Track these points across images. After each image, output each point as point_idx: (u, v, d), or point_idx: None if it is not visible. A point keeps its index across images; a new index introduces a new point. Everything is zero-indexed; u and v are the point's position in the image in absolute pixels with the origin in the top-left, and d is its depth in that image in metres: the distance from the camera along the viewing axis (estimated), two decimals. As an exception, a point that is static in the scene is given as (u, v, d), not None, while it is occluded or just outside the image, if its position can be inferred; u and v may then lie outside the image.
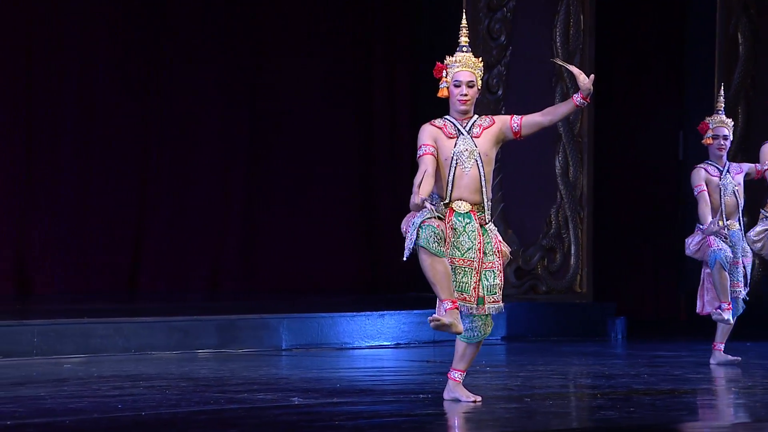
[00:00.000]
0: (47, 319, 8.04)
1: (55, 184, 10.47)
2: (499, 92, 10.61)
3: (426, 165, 5.76)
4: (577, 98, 5.83)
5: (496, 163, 6.10)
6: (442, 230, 5.63)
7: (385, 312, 9.12)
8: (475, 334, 5.87)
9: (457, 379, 5.94)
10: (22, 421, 5.37)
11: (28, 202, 10.35)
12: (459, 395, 5.92)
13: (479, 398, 5.93)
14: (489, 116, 5.94)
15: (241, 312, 8.99)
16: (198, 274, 11.14)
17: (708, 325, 8.40)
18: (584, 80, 5.81)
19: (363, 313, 9.05)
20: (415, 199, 5.57)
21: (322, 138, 11.59)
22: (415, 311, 9.19)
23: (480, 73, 5.95)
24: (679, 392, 6.60)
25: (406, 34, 11.80)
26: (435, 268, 5.63)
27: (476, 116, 5.94)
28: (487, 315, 5.84)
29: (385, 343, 9.00)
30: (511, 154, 10.36)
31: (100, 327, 8.04)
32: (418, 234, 5.61)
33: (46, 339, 7.77)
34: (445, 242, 5.66)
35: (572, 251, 10.90)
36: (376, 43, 11.79)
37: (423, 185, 5.68)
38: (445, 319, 5.60)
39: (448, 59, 5.94)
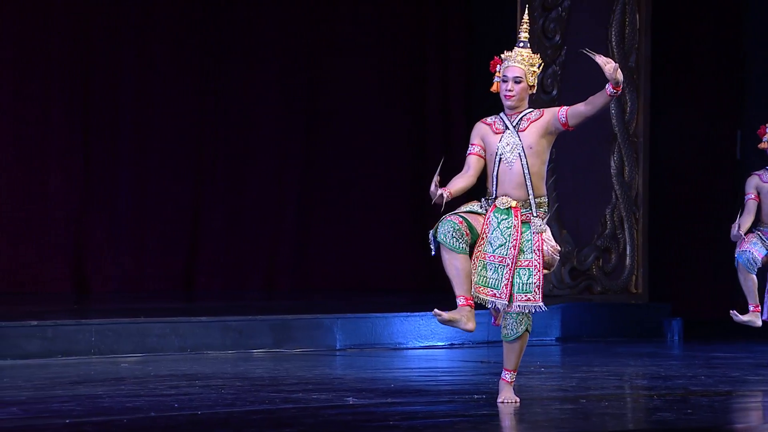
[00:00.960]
0: (105, 318, 8.12)
1: (112, 185, 10.57)
2: (554, 92, 10.56)
3: (467, 165, 5.86)
4: (608, 88, 5.76)
5: (550, 163, 6.07)
6: (465, 226, 5.69)
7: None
8: (509, 332, 5.85)
9: (506, 378, 5.93)
10: (80, 420, 5.43)
11: (87, 203, 10.46)
12: (500, 394, 5.91)
13: (515, 399, 5.89)
14: (540, 109, 5.92)
15: (296, 312, 9.02)
16: (253, 273, 11.20)
17: (766, 326, 8.30)
18: (609, 70, 5.71)
19: (417, 313, 9.04)
20: (432, 190, 5.67)
21: (376, 137, 11.60)
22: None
23: (534, 69, 5.91)
24: (736, 394, 6.53)
25: (461, 32, 11.78)
26: (451, 264, 5.69)
27: (528, 110, 5.91)
28: (518, 313, 5.81)
29: (439, 344, 8.99)
30: (565, 154, 10.32)
31: (157, 326, 8.10)
32: (436, 229, 5.69)
33: (103, 338, 7.85)
34: (464, 237, 5.70)
35: (627, 251, 10.82)
36: (431, 40, 11.77)
37: (453, 183, 5.80)
38: (446, 315, 5.68)
39: (504, 54, 5.94)
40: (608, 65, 5.74)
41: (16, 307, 8.91)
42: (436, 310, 5.71)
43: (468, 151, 5.88)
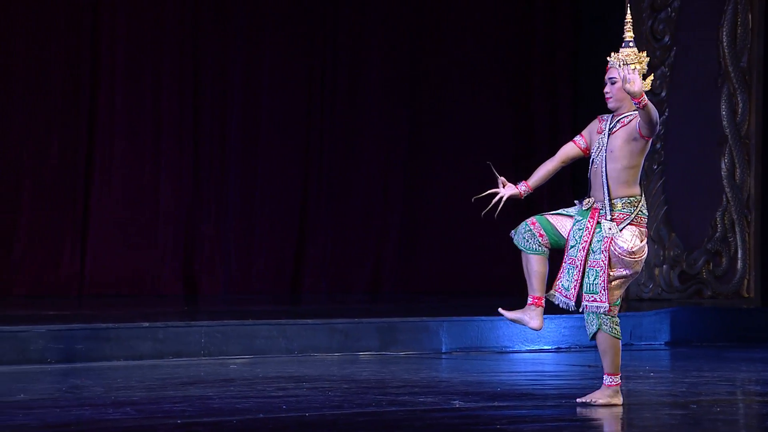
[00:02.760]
0: (214, 320, 8.24)
1: (221, 188, 10.72)
2: (663, 94, 10.42)
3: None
4: (633, 101, 5.68)
5: (658, 166, 6.03)
6: (539, 227, 5.93)
7: (546, 316, 9.01)
8: (587, 332, 5.91)
9: (604, 381, 5.91)
10: (191, 420, 5.51)
11: (196, 207, 10.62)
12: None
13: (587, 400, 5.88)
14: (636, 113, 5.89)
15: (402, 315, 9.04)
16: (359, 276, 11.25)
17: None
18: (624, 84, 5.61)
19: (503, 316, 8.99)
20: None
21: (480, 139, 11.57)
22: (576, 315, 9.06)
23: (637, 67, 5.86)
24: None
25: (568, 32, 11.68)
26: (524, 264, 6.02)
27: (627, 114, 5.86)
28: (588, 313, 5.85)
29: (546, 347, 8.93)
30: (675, 157, 10.18)
31: (265, 328, 8.19)
32: (516, 230, 5.93)
33: (212, 340, 7.96)
34: (536, 238, 5.93)
35: (739, 255, 10.63)
36: (537, 38, 11.70)
37: (536, 172, 6.25)
38: (509, 314, 6.00)
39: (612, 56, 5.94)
40: (626, 78, 5.60)
41: (129, 309, 9.08)
42: (500, 309, 5.91)
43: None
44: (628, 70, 5.62)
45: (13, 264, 9.90)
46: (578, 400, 6.01)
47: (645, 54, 5.95)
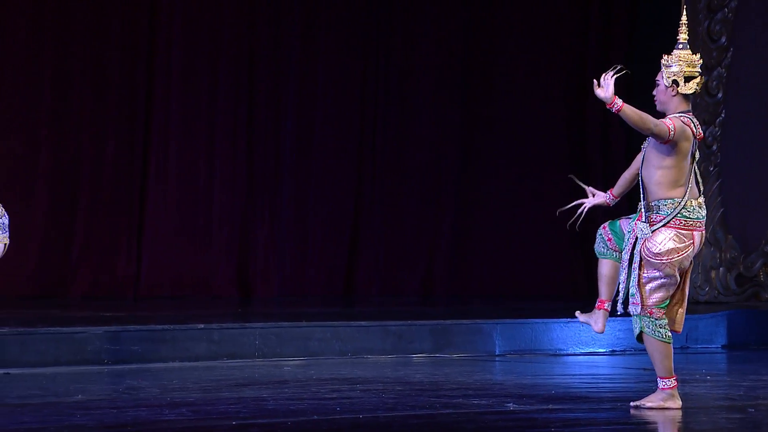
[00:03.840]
0: (268, 322, 8.28)
1: (275, 191, 10.77)
2: (719, 95, 10.33)
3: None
4: None
5: (714, 167, 6.02)
6: (608, 230, 6.04)
7: (601, 319, 8.99)
8: (634, 334, 5.99)
9: (659, 386, 5.91)
10: (246, 422, 5.55)
11: (251, 209, 10.68)
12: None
13: (640, 403, 5.89)
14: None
15: (455, 317, 9.03)
16: (411, 278, 11.25)
17: None
18: (595, 89, 5.80)
19: (577, 319, 8.94)
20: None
21: (532, 141, 11.53)
22: (631, 318, 9.03)
23: (672, 70, 5.86)
24: None
25: (623, 32, 11.61)
26: (598, 269, 6.12)
27: (673, 115, 5.92)
28: (632, 315, 5.93)
29: (600, 350, 8.88)
30: (732, 159, 10.09)
31: (318, 330, 8.22)
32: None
33: (267, 341, 8.00)
34: (605, 242, 6.05)
35: (798, 257, 10.51)
36: (591, 38, 11.63)
37: (619, 181, 6.22)
38: (581, 317, 6.16)
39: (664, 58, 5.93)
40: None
41: (184, 310, 9.15)
42: (577, 312, 6.08)
43: None
44: (606, 75, 5.73)
45: (71, 266, 10.01)
46: (632, 403, 5.98)
47: (698, 56, 5.93)
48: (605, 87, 5.74)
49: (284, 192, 10.78)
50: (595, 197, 6.28)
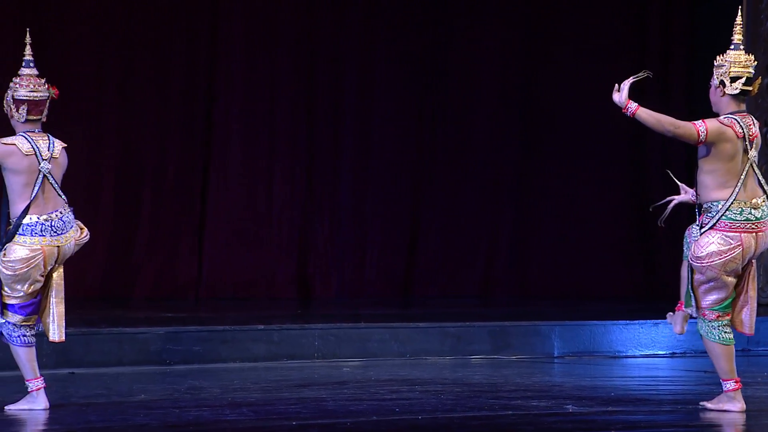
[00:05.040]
0: (327, 323, 8.34)
1: (334, 193, 10.82)
2: (780, 95, 10.21)
3: None
4: None
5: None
6: (689, 235, 5.99)
7: (660, 321, 8.93)
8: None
9: (723, 388, 5.88)
10: (306, 422, 5.60)
11: (310, 211, 10.74)
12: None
13: (707, 405, 5.86)
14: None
15: (514, 318, 9.02)
16: (470, 279, 11.25)
17: None
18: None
19: (637, 321, 8.92)
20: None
21: (594, 141, 11.48)
22: (691, 320, 8.97)
23: (722, 70, 5.84)
24: None
25: (684, 32, 11.52)
26: (680, 271, 6.08)
27: (723, 116, 5.94)
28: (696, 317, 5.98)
29: (660, 352, 8.83)
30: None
31: (377, 332, 8.26)
32: None
33: (326, 343, 8.05)
34: (688, 243, 6.02)
35: None
36: (651, 37, 11.55)
37: None
38: (668, 318, 6.13)
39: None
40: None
41: (245, 311, 9.23)
42: (669, 313, 6.10)
43: None
44: (626, 81, 5.79)
45: (134, 268, 10.14)
46: (700, 404, 5.97)
47: (752, 57, 5.90)
48: (621, 91, 5.75)
49: (343, 193, 10.83)
50: (686, 194, 6.24)
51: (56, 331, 5.94)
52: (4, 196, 6.02)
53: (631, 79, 5.81)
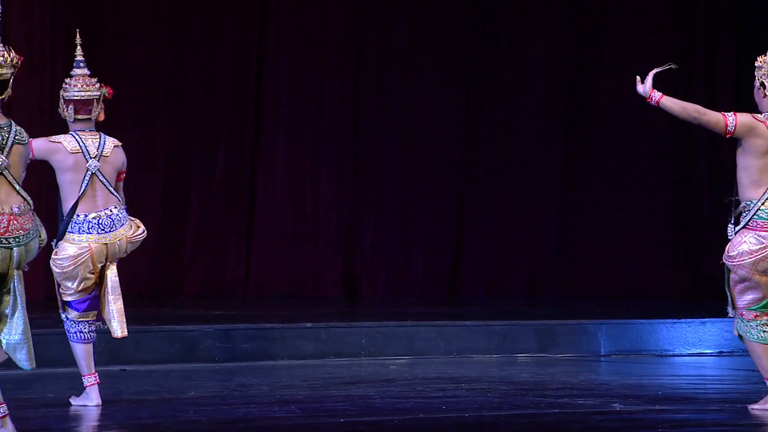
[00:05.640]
0: (374, 321, 8.38)
1: (380, 192, 10.86)
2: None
3: None
4: None
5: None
6: None
7: (707, 319, 8.92)
8: None
9: None
10: (353, 419, 5.65)
11: (357, 210, 10.79)
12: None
13: (754, 408, 5.83)
14: None
15: (560, 317, 9.02)
16: (516, 277, 11.25)
17: None
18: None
19: (684, 320, 8.89)
20: None
21: (638, 139, 11.44)
22: (732, 319, 8.93)
23: (763, 70, 5.82)
24: None
25: (730, 30, 11.45)
26: None
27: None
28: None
29: (707, 351, 8.80)
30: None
31: (424, 330, 8.29)
32: None
33: (373, 341, 8.10)
34: None
35: None
36: (698, 36, 11.49)
37: None
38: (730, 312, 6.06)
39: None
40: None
41: (292, 310, 9.30)
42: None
43: None
44: (651, 72, 5.81)
45: (183, 266, 10.24)
46: (748, 407, 5.93)
47: None
48: (645, 82, 5.75)
49: (389, 193, 10.87)
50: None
51: (118, 328, 6.01)
52: (59, 195, 6.11)
53: (655, 70, 5.79)
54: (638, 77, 5.85)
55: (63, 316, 6.06)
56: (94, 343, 6.11)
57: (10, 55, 5.07)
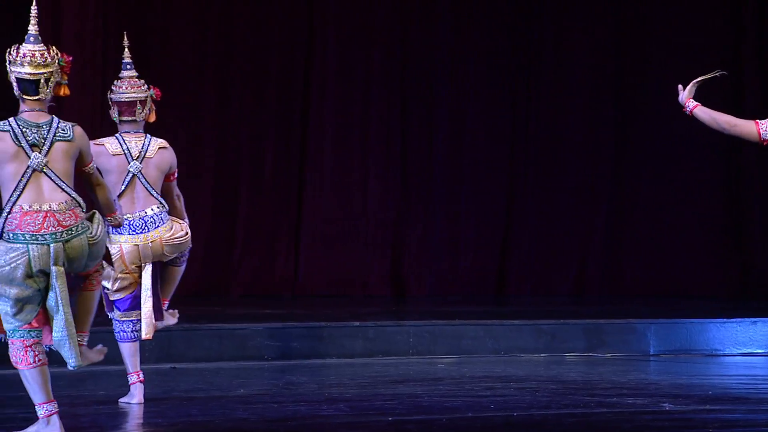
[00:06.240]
0: (422, 320, 8.39)
1: (428, 191, 10.87)
2: None
3: None
4: None
5: None
6: None
7: (758, 318, 8.85)
8: None
9: None
10: (402, 418, 5.66)
11: (404, 209, 10.80)
12: None
13: None
14: None
15: (608, 316, 8.99)
16: (564, 276, 11.21)
17: None
18: None
19: (734, 319, 8.82)
20: None
21: (686, 137, 11.34)
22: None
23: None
24: None
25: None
26: None
27: None
28: None
29: (758, 351, 8.73)
30: None
31: (471, 329, 8.29)
32: None
33: (421, 339, 8.11)
34: None
35: None
36: (748, 30, 11.39)
37: None
38: None
39: None
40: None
41: (341, 309, 9.33)
42: None
43: None
44: (693, 81, 5.84)
45: (232, 265, 10.31)
46: None
47: None
48: (684, 90, 5.71)
49: (436, 192, 10.88)
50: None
51: (143, 329, 6.04)
52: None
53: (699, 79, 5.74)
54: (680, 86, 5.81)
55: (110, 315, 6.12)
56: (145, 342, 6.16)
57: (50, 55, 5.10)
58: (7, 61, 5.08)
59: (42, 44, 5.11)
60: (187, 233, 6.14)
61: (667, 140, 11.35)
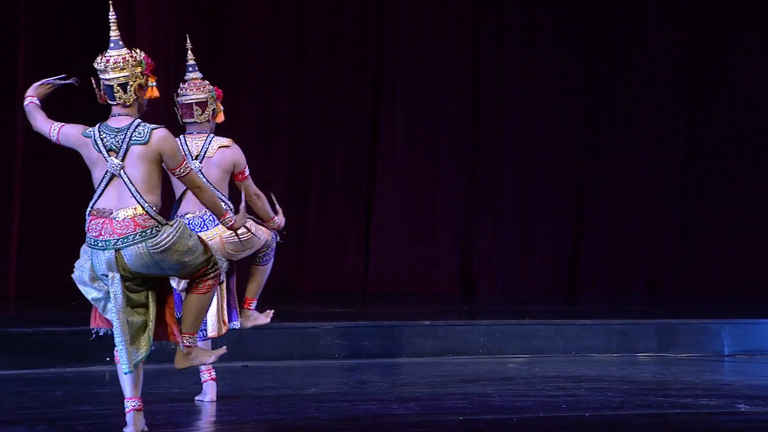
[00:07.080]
0: (492, 319, 8.37)
1: (498, 190, 10.84)
2: None
3: None
4: None
5: None
6: None
7: (837, 318, 8.71)
8: None
9: None
10: (473, 417, 5.65)
11: (474, 208, 10.79)
12: None
13: None
14: None
15: (682, 316, 8.90)
16: (636, 276, 11.13)
17: None
18: None
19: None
20: None
21: (761, 136, 11.20)
22: None
23: None
24: None
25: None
26: None
27: None
28: None
29: (836, 352, 8.59)
30: None
31: (542, 328, 8.26)
32: None
33: (491, 339, 8.10)
34: None
35: None
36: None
37: None
38: None
39: None
40: None
41: (411, 308, 9.34)
42: None
43: None
44: None
45: (302, 264, 10.36)
46: None
47: None
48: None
49: (507, 190, 10.84)
50: None
51: (208, 327, 6.06)
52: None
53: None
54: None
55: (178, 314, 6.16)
56: (216, 340, 6.21)
57: (132, 58, 5.12)
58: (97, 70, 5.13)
59: (123, 48, 5.13)
60: (247, 232, 6.06)
61: (742, 136, 11.21)
